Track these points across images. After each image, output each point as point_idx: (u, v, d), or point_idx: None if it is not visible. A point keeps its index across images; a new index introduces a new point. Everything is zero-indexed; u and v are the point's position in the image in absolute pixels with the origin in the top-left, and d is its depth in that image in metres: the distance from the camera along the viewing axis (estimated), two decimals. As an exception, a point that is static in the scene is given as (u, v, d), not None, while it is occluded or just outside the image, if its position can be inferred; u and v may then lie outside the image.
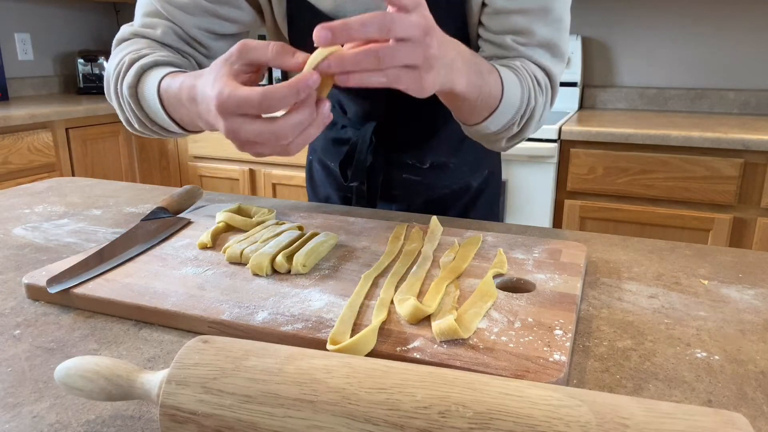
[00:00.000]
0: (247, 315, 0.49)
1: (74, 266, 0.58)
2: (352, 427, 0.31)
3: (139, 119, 0.68)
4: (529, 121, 0.73)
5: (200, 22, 0.75)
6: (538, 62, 0.74)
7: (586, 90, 2.42)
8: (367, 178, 0.92)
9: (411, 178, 0.92)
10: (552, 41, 0.74)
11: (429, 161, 0.91)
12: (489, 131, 0.71)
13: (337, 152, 0.95)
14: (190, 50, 0.77)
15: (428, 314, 0.47)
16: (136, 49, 0.70)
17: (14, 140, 2.11)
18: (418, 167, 0.91)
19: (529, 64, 0.73)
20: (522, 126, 0.73)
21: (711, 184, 1.78)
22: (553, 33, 0.73)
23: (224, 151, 2.44)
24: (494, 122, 0.69)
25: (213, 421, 0.33)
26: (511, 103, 0.68)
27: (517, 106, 0.69)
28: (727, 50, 2.21)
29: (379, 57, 0.47)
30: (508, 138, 0.74)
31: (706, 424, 0.29)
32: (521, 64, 0.72)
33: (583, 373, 0.44)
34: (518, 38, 0.72)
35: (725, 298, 0.56)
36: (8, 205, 0.89)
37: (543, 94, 0.73)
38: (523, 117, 0.71)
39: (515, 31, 0.72)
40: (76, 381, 0.36)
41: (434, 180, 0.92)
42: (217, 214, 0.71)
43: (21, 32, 2.78)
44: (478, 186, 0.95)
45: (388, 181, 0.93)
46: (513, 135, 0.74)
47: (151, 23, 0.74)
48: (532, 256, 0.61)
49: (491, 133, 0.72)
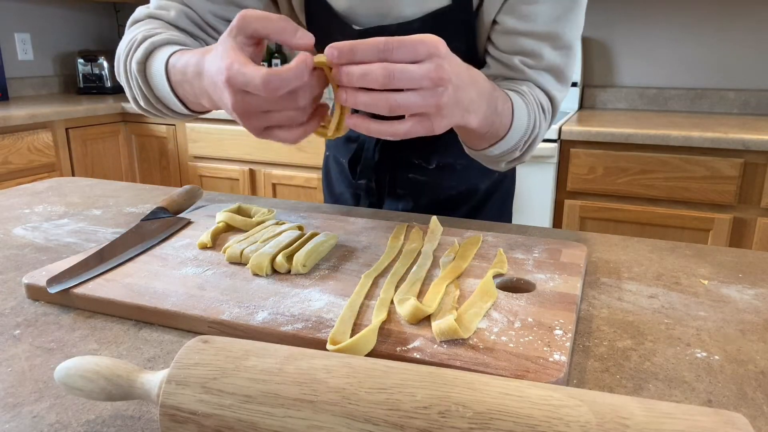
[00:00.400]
0: (247, 315, 0.49)
1: (74, 266, 0.58)
2: (352, 427, 0.31)
3: (145, 96, 0.69)
4: (531, 145, 0.73)
5: (216, 9, 0.76)
6: (543, 87, 0.74)
7: (586, 90, 2.41)
8: (375, 176, 0.92)
9: (417, 178, 0.92)
10: (559, 67, 0.73)
11: (435, 161, 0.91)
12: (492, 155, 0.71)
13: (348, 149, 0.96)
14: (203, 35, 0.77)
15: (428, 314, 0.47)
16: (150, 29, 0.70)
17: (14, 140, 2.11)
18: (424, 167, 0.91)
19: (534, 88, 0.73)
20: (524, 150, 0.73)
21: (711, 184, 1.78)
22: (561, 59, 0.73)
23: (224, 151, 2.44)
24: (499, 148, 0.69)
25: (213, 421, 0.33)
26: (518, 131, 0.68)
27: (522, 132, 0.69)
28: (727, 50, 2.21)
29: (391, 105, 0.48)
30: (509, 161, 0.74)
31: (706, 424, 0.29)
32: (528, 89, 0.72)
33: (583, 373, 0.44)
34: (527, 60, 0.72)
35: (725, 298, 0.56)
36: (8, 205, 0.89)
37: (546, 120, 0.73)
38: (526, 143, 0.72)
39: (524, 52, 0.72)
40: (76, 381, 0.36)
41: (440, 180, 0.92)
42: (217, 214, 0.71)
43: (21, 32, 2.78)
44: (486, 189, 0.95)
45: (395, 180, 0.93)
46: (514, 158, 0.74)
47: (165, 5, 0.75)
48: (532, 256, 0.61)
49: (493, 156, 0.72)
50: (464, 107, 0.54)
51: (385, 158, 0.92)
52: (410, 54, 0.47)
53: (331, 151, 1.03)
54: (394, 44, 0.46)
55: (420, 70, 0.47)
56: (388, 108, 0.48)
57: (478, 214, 0.95)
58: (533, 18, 0.70)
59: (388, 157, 0.92)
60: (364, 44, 0.47)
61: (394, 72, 0.46)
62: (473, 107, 0.55)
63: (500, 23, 0.72)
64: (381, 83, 0.46)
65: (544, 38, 0.71)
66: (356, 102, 0.48)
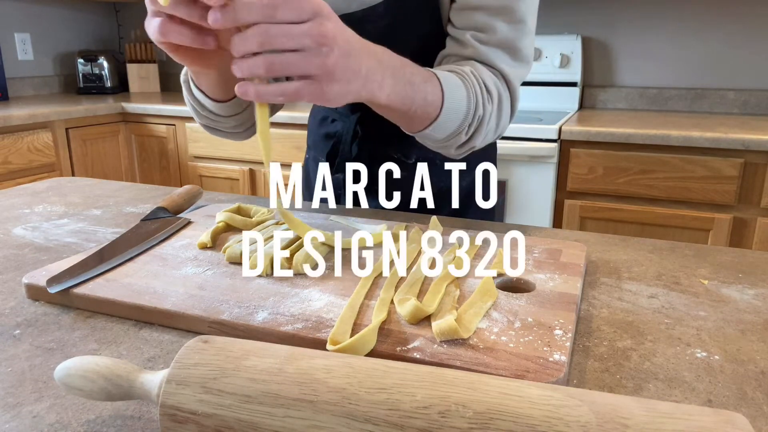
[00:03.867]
0: (247, 315, 0.49)
1: (74, 266, 0.58)
2: (352, 427, 0.31)
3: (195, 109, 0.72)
4: (479, 128, 0.71)
5: None
6: (495, 64, 0.73)
7: (586, 90, 2.41)
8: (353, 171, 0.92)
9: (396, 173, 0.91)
10: (512, 42, 0.72)
11: (414, 156, 0.89)
12: (435, 139, 0.70)
13: (327, 147, 0.95)
14: None
15: (428, 314, 0.47)
16: None
17: (14, 140, 2.11)
18: (404, 161, 0.90)
19: (481, 69, 0.71)
20: (471, 134, 0.71)
21: (711, 184, 1.78)
22: (514, 33, 0.72)
23: (224, 151, 2.44)
24: (437, 130, 0.68)
25: (213, 421, 0.33)
26: (454, 111, 0.67)
27: (463, 113, 0.68)
28: (727, 50, 2.21)
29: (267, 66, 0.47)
30: (458, 146, 0.73)
31: (706, 424, 0.29)
32: (471, 69, 0.70)
33: (583, 373, 0.44)
34: (479, 35, 0.72)
35: (725, 298, 0.56)
36: (8, 205, 0.89)
37: (492, 102, 0.71)
38: (471, 125, 0.70)
39: (477, 27, 0.72)
40: (76, 381, 0.36)
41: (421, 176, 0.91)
42: (217, 214, 0.71)
43: (21, 32, 2.78)
44: (467, 185, 0.94)
45: (374, 176, 0.92)
46: (462, 143, 0.72)
47: None
48: (532, 256, 0.61)
49: (438, 141, 0.71)
50: (362, 76, 0.53)
51: (363, 152, 0.91)
52: (294, 13, 0.46)
53: (311, 151, 1.02)
54: (277, 2, 0.46)
55: (300, 27, 0.46)
56: (265, 67, 0.47)
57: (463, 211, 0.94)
58: None
59: (367, 151, 0.91)
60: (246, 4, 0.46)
61: (270, 30, 0.46)
62: (374, 77, 0.55)
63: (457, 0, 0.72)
64: (259, 44, 0.46)
65: (497, 12, 0.71)
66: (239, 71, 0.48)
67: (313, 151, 1.02)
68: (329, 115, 0.96)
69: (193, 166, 2.53)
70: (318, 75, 0.49)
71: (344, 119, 0.92)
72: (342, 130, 0.92)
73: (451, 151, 0.75)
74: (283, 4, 0.46)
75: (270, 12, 0.46)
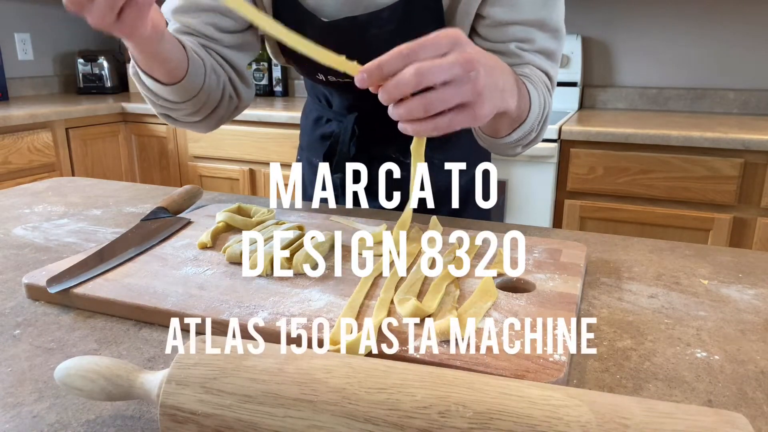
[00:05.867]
0: (247, 315, 0.49)
1: (74, 266, 0.58)
2: (352, 427, 0.31)
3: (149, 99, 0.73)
4: (543, 124, 0.74)
5: (206, 18, 0.78)
6: (540, 66, 0.76)
7: (586, 90, 2.41)
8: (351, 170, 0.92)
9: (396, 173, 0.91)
10: (550, 49, 0.76)
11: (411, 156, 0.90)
12: (511, 141, 0.72)
13: (323, 148, 0.95)
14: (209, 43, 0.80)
15: (428, 314, 0.47)
16: None
17: (14, 140, 2.11)
18: (401, 161, 0.91)
19: (535, 69, 0.74)
20: (539, 131, 0.74)
21: (711, 184, 1.78)
22: (551, 41, 0.76)
23: (224, 151, 2.44)
24: (520, 131, 0.70)
25: (213, 421, 0.33)
26: (534, 111, 0.69)
27: (537, 113, 0.70)
28: (727, 50, 2.21)
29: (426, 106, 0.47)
30: (525, 144, 0.76)
31: (706, 424, 0.29)
32: (530, 71, 0.73)
33: (583, 373, 0.44)
34: (521, 45, 0.74)
35: (725, 298, 0.56)
36: (8, 205, 0.89)
37: (551, 97, 0.75)
38: (540, 122, 0.73)
39: (517, 39, 0.74)
40: (76, 381, 0.36)
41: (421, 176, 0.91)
42: (217, 214, 0.71)
43: (21, 32, 2.78)
44: (465, 185, 0.94)
45: (373, 176, 0.92)
46: (530, 141, 0.75)
47: None
48: (532, 256, 0.61)
49: (512, 142, 0.72)
50: (501, 88, 0.53)
51: (361, 152, 0.91)
52: (434, 49, 0.47)
53: (304, 153, 1.02)
54: (416, 46, 0.47)
55: (447, 59, 0.47)
56: (424, 109, 0.47)
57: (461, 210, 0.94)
58: (519, 7, 0.72)
59: (364, 152, 0.91)
60: (388, 57, 0.47)
61: (422, 68, 0.46)
62: (508, 87, 0.56)
63: (488, 17, 0.74)
64: (415, 83, 0.46)
65: (532, 24, 0.74)
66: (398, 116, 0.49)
67: (306, 152, 1.01)
68: (324, 116, 0.96)
69: (193, 166, 2.53)
70: (470, 101, 0.49)
71: (341, 119, 0.92)
72: (338, 130, 0.92)
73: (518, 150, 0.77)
74: (422, 45, 0.47)
75: (413, 57, 0.47)
